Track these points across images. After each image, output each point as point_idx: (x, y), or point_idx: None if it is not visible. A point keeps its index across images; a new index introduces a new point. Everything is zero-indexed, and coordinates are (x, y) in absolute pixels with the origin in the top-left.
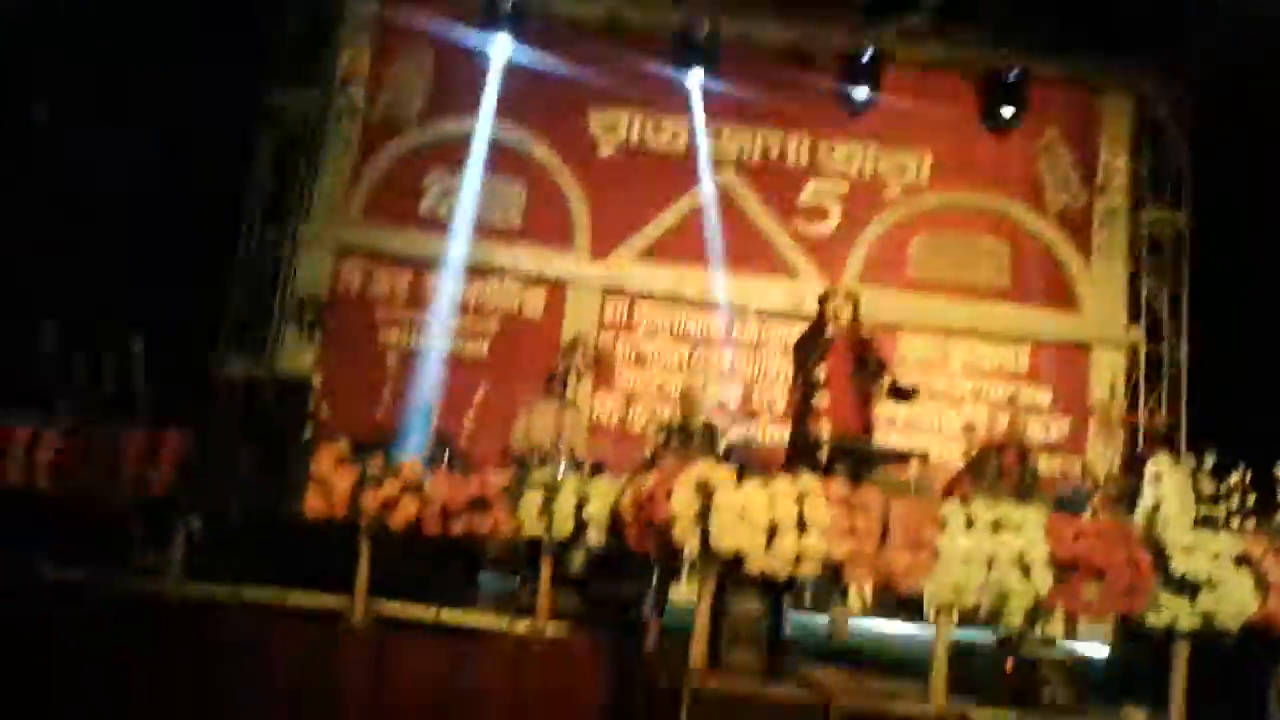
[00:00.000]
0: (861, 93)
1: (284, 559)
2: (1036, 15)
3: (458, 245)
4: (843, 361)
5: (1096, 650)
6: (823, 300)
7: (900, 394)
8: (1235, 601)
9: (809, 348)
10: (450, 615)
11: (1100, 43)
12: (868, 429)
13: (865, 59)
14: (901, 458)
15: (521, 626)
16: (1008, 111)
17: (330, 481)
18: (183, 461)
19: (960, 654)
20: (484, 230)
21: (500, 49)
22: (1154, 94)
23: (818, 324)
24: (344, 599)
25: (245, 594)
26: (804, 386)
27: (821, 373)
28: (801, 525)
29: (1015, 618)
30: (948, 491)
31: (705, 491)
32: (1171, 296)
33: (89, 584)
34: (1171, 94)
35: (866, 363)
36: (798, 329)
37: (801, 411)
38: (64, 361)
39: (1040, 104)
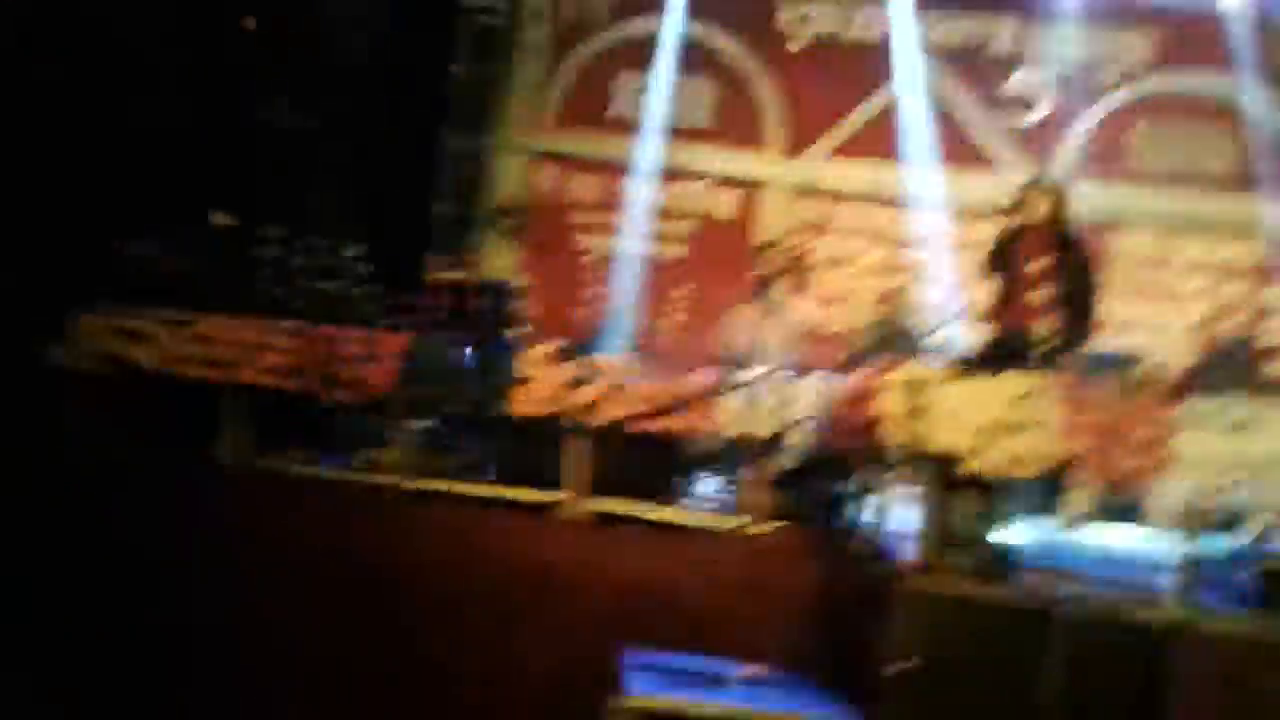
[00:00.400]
0: None
1: (498, 456)
2: None
3: (649, 147)
4: (1042, 260)
5: None
6: (1021, 193)
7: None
8: None
9: (1007, 245)
10: (658, 512)
11: None
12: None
13: None
14: (1125, 361)
15: (729, 524)
16: None
17: (538, 380)
18: (400, 362)
19: (1194, 563)
20: (676, 131)
21: None
22: None
23: (1015, 219)
24: (556, 494)
25: (461, 488)
26: (1002, 286)
27: (1018, 271)
28: (1024, 424)
29: (1258, 524)
30: (1178, 392)
31: (917, 389)
32: None
33: (316, 479)
34: None
35: (1068, 262)
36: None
37: (999, 313)
38: (285, 265)
39: None
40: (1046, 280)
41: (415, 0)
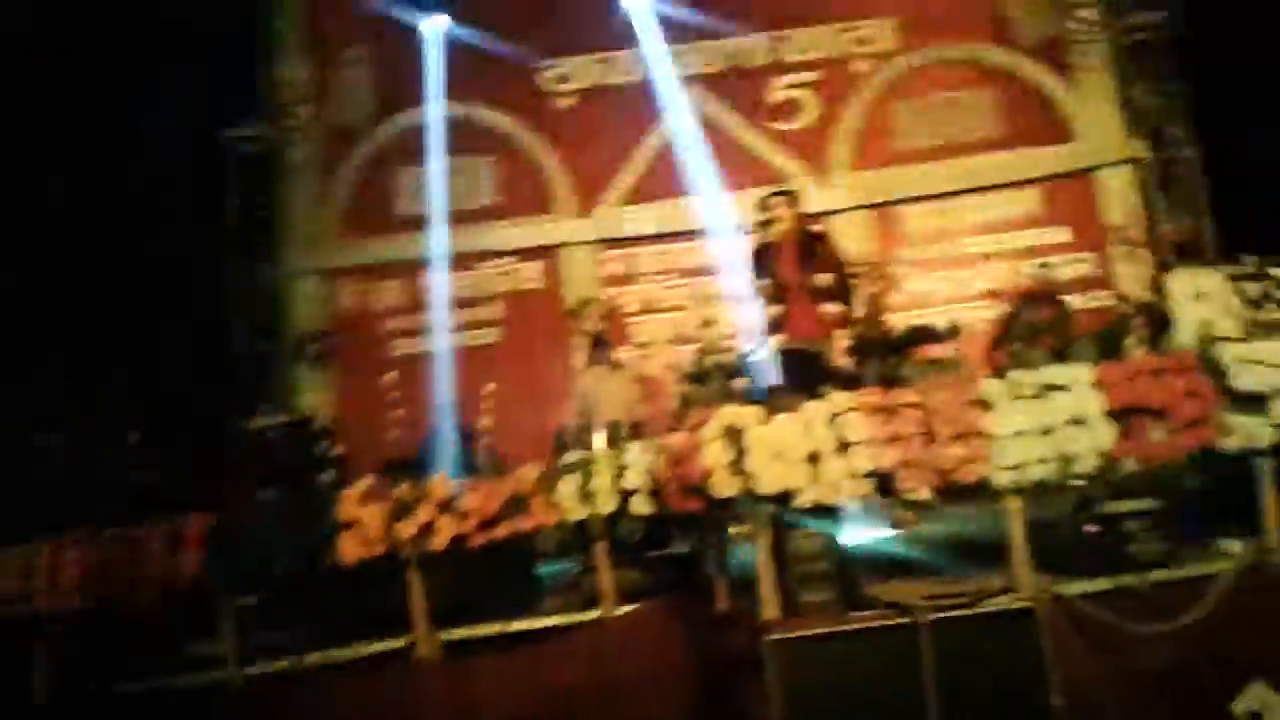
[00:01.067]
0: None
1: (338, 611)
2: None
3: (441, 237)
4: (795, 267)
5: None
6: (760, 209)
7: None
8: None
9: (762, 259)
10: (517, 623)
11: None
12: (839, 328)
13: None
14: (932, 337)
15: (590, 615)
16: None
17: (361, 521)
18: (210, 540)
19: (1038, 531)
20: (465, 215)
21: (435, 27)
22: None
23: (763, 235)
24: (407, 636)
25: (308, 660)
26: (772, 300)
27: (776, 283)
28: (842, 445)
29: (1084, 480)
30: (986, 362)
31: (736, 436)
32: (1168, 101)
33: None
34: None
35: (817, 261)
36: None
37: (776, 326)
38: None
39: None
40: (810, 286)
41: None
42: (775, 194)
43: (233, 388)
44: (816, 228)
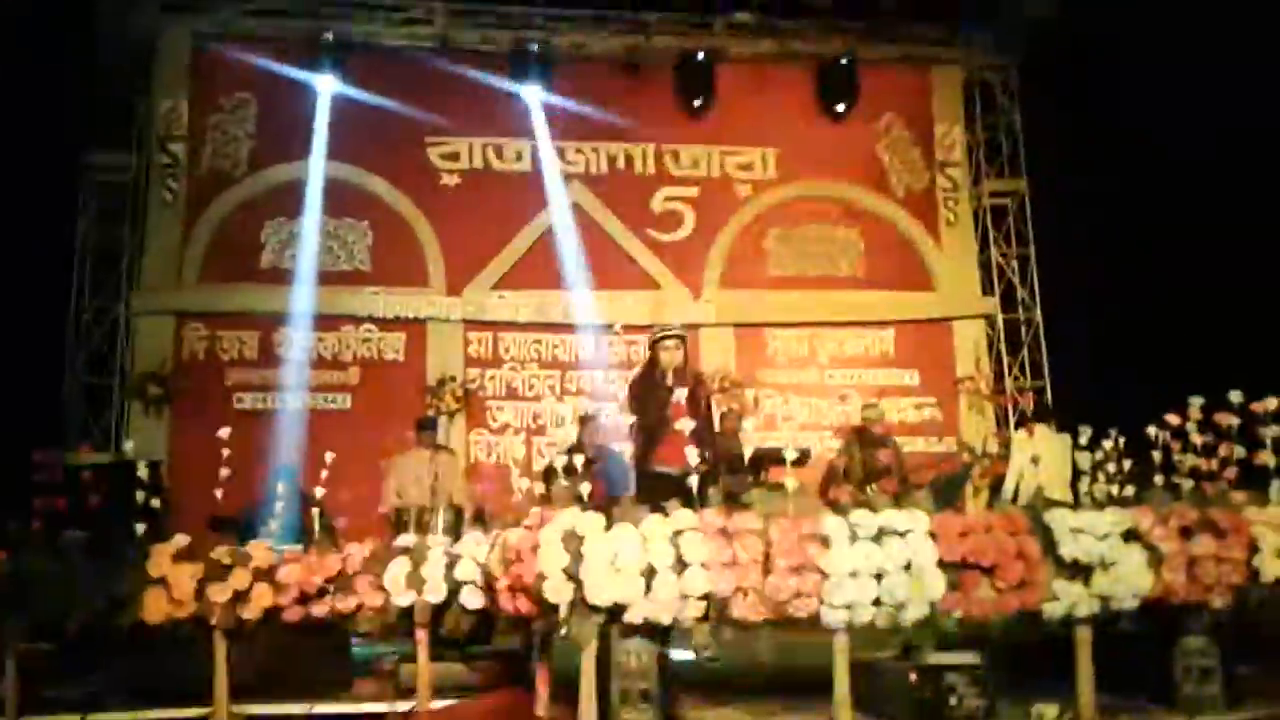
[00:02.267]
0: (698, 95)
1: (134, 672)
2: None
3: (305, 295)
4: (682, 407)
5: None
6: (653, 344)
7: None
8: (1130, 580)
9: (645, 391)
10: (325, 706)
11: (924, 17)
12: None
13: (698, 60)
14: (781, 461)
15: (404, 705)
16: (843, 99)
17: (170, 579)
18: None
19: (864, 670)
20: (332, 276)
21: (326, 86)
22: (982, 65)
23: (648, 368)
24: (205, 707)
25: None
26: (646, 429)
27: (662, 416)
28: (680, 564)
29: (911, 628)
30: (823, 494)
31: (575, 541)
32: (1020, 264)
33: None
34: (1000, 63)
35: (698, 403)
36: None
37: (646, 452)
38: None
39: (875, 88)
40: (680, 417)
41: (32, 160)
42: (670, 335)
43: (58, 421)
44: (694, 370)
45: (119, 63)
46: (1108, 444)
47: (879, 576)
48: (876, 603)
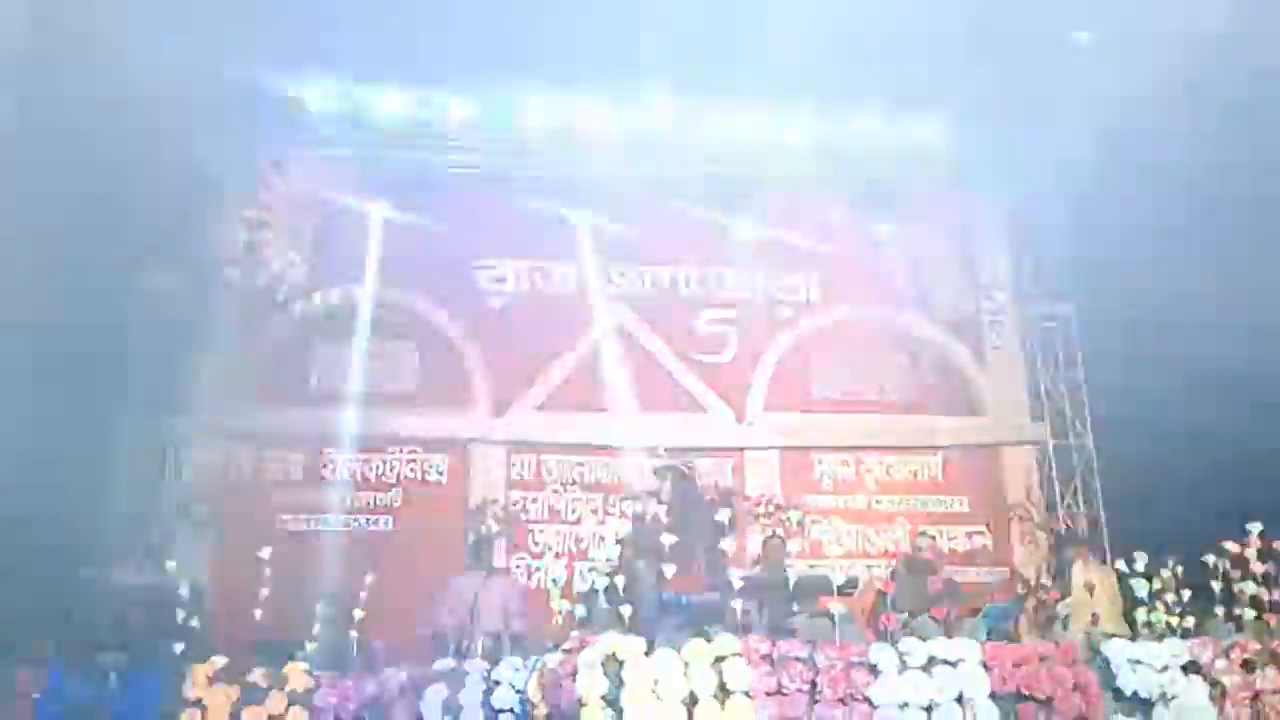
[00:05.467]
0: (743, 219)
1: None
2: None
3: (351, 416)
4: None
5: None
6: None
7: None
8: (1193, 715)
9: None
10: None
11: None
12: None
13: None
14: (828, 588)
15: None
16: (885, 221)
17: (207, 702)
18: (40, 699)
19: None
20: (378, 398)
21: (378, 211)
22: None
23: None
24: None
25: None
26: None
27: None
28: (723, 691)
29: None
30: (870, 623)
31: (614, 666)
32: (1070, 388)
33: None
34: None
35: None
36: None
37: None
38: None
39: (918, 212)
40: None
41: (88, 278)
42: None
43: (102, 539)
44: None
45: (178, 185)
46: (1165, 573)
47: (929, 709)
48: None
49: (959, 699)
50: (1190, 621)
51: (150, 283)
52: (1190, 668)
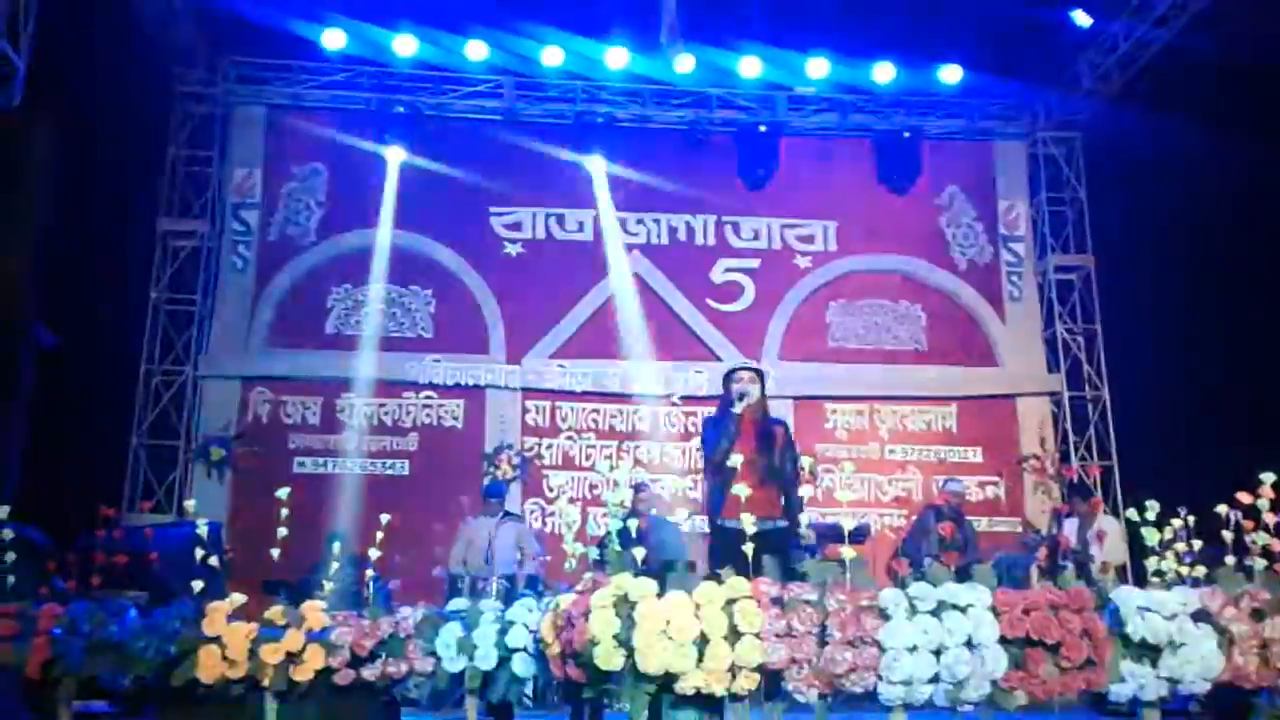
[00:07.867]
0: (760, 166)
1: None
2: (925, 73)
3: (368, 361)
4: (752, 446)
5: None
6: (728, 380)
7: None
8: (1200, 662)
9: (718, 432)
10: None
11: (988, 93)
12: (784, 514)
13: (760, 133)
14: (840, 536)
15: None
16: (904, 172)
17: (225, 638)
18: (61, 634)
19: None
20: (394, 343)
21: (394, 156)
22: (1047, 138)
23: (724, 406)
24: None
25: None
26: (717, 475)
27: (735, 460)
28: (734, 633)
29: (972, 706)
30: (887, 571)
31: (626, 608)
32: (1087, 339)
33: None
34: (1064, 135)
35: (774, 447)
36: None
37: (717, 502)
38: None
39: (937, 161)
40: (758, 467)
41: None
42: (745, 368)
43: (121, 479)
44: (771, 413)
45: (194, 131)
46: (1176, 522)
47: (938, 652)
48: (935, 679)
49: (968, 643)
50: (1201, 572)
51: (170, 228)
52: (1199, 616)
